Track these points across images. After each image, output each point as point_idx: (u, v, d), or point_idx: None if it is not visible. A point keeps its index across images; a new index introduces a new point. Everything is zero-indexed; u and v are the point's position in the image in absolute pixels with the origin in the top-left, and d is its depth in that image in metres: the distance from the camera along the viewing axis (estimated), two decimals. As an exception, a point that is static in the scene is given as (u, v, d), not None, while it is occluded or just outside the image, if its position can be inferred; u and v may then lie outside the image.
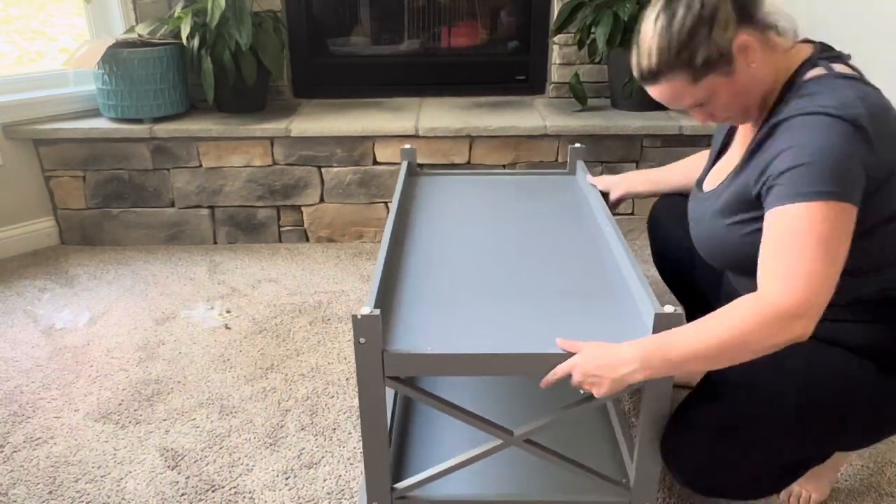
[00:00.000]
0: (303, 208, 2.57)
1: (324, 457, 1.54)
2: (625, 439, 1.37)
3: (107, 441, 1.60)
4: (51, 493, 1.45)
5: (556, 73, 2.79)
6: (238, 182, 2.52)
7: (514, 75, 2.87)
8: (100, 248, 2.58)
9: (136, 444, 1.58)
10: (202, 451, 1.56)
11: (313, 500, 1.43)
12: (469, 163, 2.51)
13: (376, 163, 2.50)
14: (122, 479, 1.49)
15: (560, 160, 2.51)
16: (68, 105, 2.52)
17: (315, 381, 1.80)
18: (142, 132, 2.41)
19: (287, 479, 1.48)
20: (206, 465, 1.52)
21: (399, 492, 1.20)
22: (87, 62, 2.31)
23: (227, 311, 2.14)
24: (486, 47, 2.93)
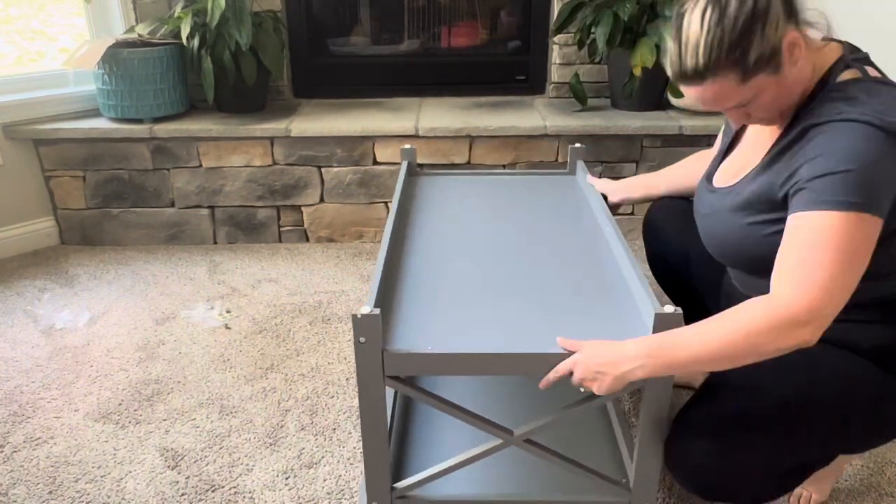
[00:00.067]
0: (303, 208, 2.57)
1: (324, 457, 1.54)
2: (625, 439, 1.37)
3: (107, 441, 1.60)
4: (51, 493, 1.45)
5: (556, 73, 2.79)
6: (238, 182, 2.52)
7: (514, 75, 2.87)
8: (100, 248, 2.58)
9: (136, 444, 1.58)
10: (202, 451, 1.56)
11: (313, 500, 1.43)
12: (469, 163, 2.51)
13: (376, 163, 2.50)
14: (122, 479, 1.49)
15: (560, 160, 2.51)
16: (68, 105, 2.52)
17: (315, 381, 1.80)
18: (142, 132, 2.41)
19: (287, 479, 1.48)
20: (206, 465, 1.52)
21: (399, 491, 1.20)
22: (87, 62, 2.31)
23: (227, 311, 2.14)
24: (486, 47, 2.92)
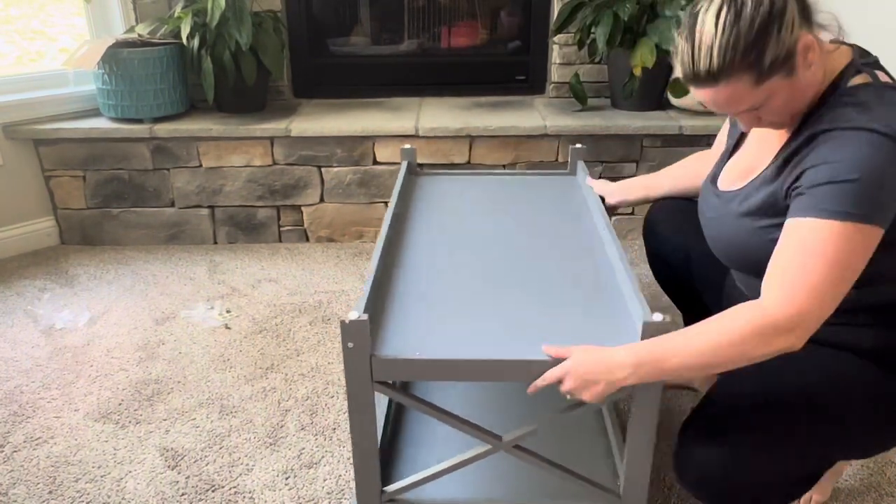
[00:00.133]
0: (303, 208, 2.57)
1: (324, 457, 1.54)
2: (618, 444, 1.36)
3: (107, 441, 1.60)
4: (51, 493, 1.45)
5: (556, 73, 2.79)
6: (238, 182, 2.52)
7: (514, 75, 2.87)
8: (100, 248, 2.58)
9: (136, 444, 1.58)
10: (202, 451, 1.56)
11: (313, 500, 1.43)
12: (469, 163, 2.51)
13: (376, 163, 2.50)
14: (122, 478, 1.49)
15: (560, 160, 2.51)
16: (68, 105, 2.52)
17: (315, 381, 1.80)
18: (142, 132, 2.41)
19: (287, 479, 1.48)
20: (206, 465, 1.52)
21: (388, 495, 1.19)
22: (87, 62, 2.31)
23: (227, 311, 2.14)
24: (486, 47, 2.93)
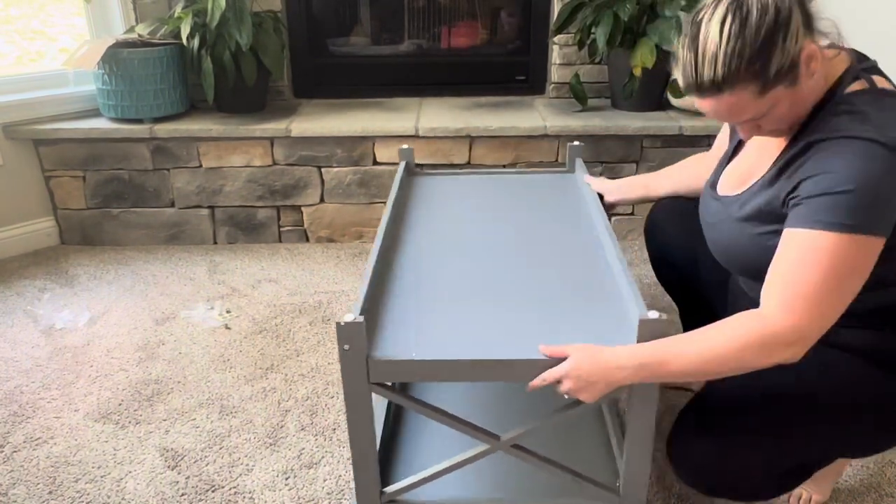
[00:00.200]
0: (303, 208, 2.57)
1: (324, 457, 1.54)
2: (618, 442, 1.36)
3: (107, 441, 1.60)
4: (51, 493, 1.45)
5: (556, 74, 2.79)
6: (238, 182, 2.52)
7: (514, 75, 2.87)
8: (100, 248, 2.57)
9: (136, 444, 1.58)
10: (202, 451, 1.56)
11: (313, 500, 1.43)
12: (469, 163, 2.51)
13: (376, 163, 2.50)
14: (122, 479, 1.49)
15: (560, 160, 2.51)
16: (68, 105, 2.52)
17: (315, 382, 1.80)
18: (142, 132, 2.41)
19: (287, 479, 1.48)
20: (206, 465, 1.52)
21: (388, 496, 1.19)
22: (87, 62, 2.31)
23: (227, 311, 2.14)
24: (486, 47, 2.93)
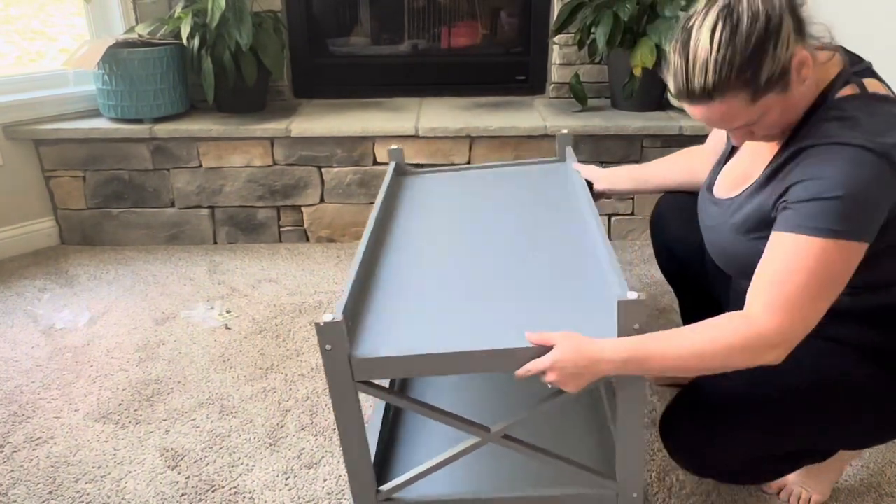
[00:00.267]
0: (303, 208, 2.57)
1: (324, 457, 1.54)
2: (613, 429, 1.36)
3: (107, 441, 1.60)
4: (51, 493, 1.45)
5: (556, 74, 2.79)
6: (238, 182, 2.52)
7: (514, 75, 2.87)
8: (100, 248, 2.58)
9: (136, 444, 1.58)
10: (202, 451, 1.56)
11: (313, 500, 1.43)
12: (469, 163, 2.51)
13: (376, 163, 2.50)
14: (122, 479, 1.49)
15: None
16: (68, 105, 2.52)
17: (315, 382, 1.80)
18: (142, 132, 2.41)
19: (287, 479, 1.48)
20: (206, 465, 1.52)
21: (384, 494, 1.19)
22: (87, 62, 2.31)
23: (227, 312, 2.14)
24: (486, 47, 2.93)
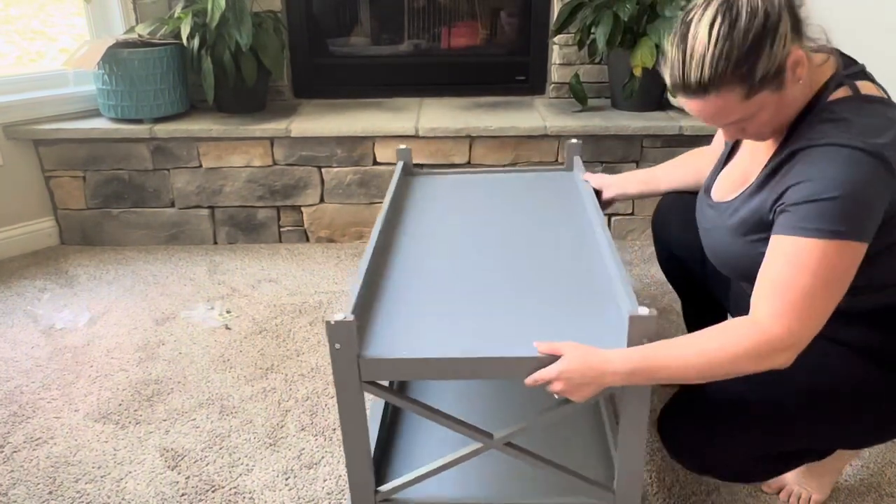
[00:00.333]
0: (303, 208, 2.57)
1: (324, 457, 1.54)
2: (613, 439, 1.36)
3: (107, 441, 1.60)
4: (51, 493, 1.45)
5: (556, 74, 2.79)
6: (238, 182, 2.52)
7: (514, 75, 2.87)
8: (100, 248, 2.58)
9: (136, 445, 1.58)
10: (202, 451, 1.56)
11: (313, 500, 1.43)
12: (469, 163, 2.51)
13: (376, 163, 2.50)
14: (122, 479, 1.49)
15: (560, 160, 2.51)
16: (68, 105, 2.52)
17: (315, 382, 1.80)
18: (142, 132, 2.41)
19: (287, 479, 1.48)
20: (206, 465, 1.52)
21: (382, 494, 1.19)
22: (87, 62, 2.31)
23: (228, 312, 2.14)
24: (486, 47, 2.93)
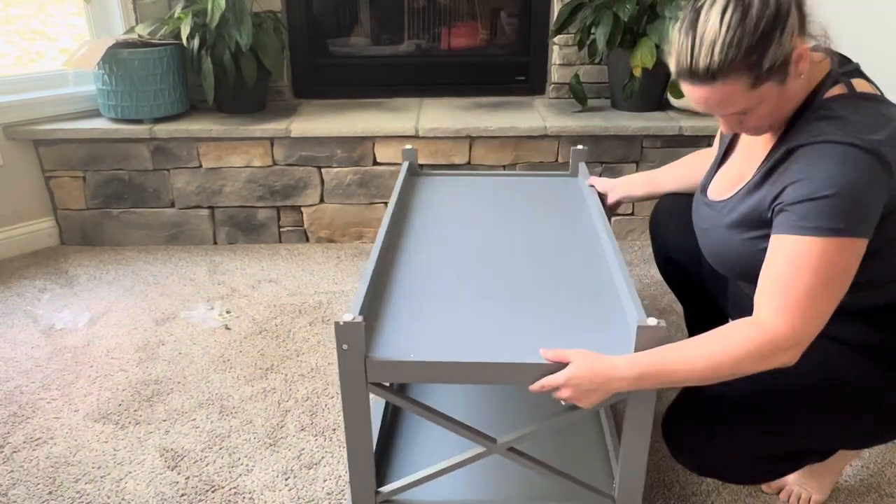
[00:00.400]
0: (303, 209, 2.57)
1: (324, 457, 1.54)
2: (614, 447, 1.36)
3: (107, 441, 1.60)
4: (51, 493, 1.45)
5: (556, 74, 2.79)
6: (238, 182, 2.52)
7: (514, 76, 2.87)
8: (100, 248, 2.57)
9: (136, 445, 1.58)
10: (202, 451, 1.56)
11: (313, 500, 1.43)
12: (469, 163, 2.51)
13: (376, 163, 2.50)
14: (121, 479, 1.49)
15: (560, 160, 2.51)
16: (68, 105, 2.52)
17: (315, 382, 1.80)
18: (142, 132, 2.41)
19: (287, 479, 1.48)
20: (206, 465, 1.52)
21: (383, 496, 1.19)
22: (87, 62, 2.31)
23: (227, 312, 2.14)
24: (486, 48, 2.93)
